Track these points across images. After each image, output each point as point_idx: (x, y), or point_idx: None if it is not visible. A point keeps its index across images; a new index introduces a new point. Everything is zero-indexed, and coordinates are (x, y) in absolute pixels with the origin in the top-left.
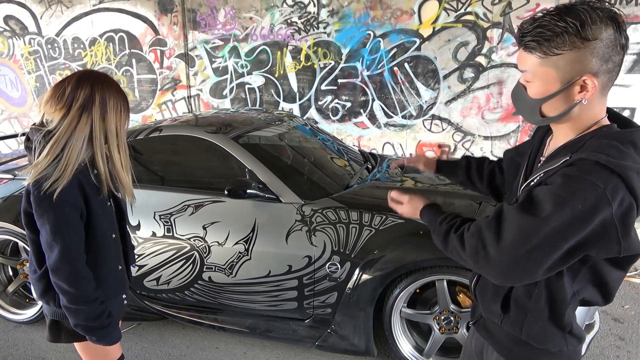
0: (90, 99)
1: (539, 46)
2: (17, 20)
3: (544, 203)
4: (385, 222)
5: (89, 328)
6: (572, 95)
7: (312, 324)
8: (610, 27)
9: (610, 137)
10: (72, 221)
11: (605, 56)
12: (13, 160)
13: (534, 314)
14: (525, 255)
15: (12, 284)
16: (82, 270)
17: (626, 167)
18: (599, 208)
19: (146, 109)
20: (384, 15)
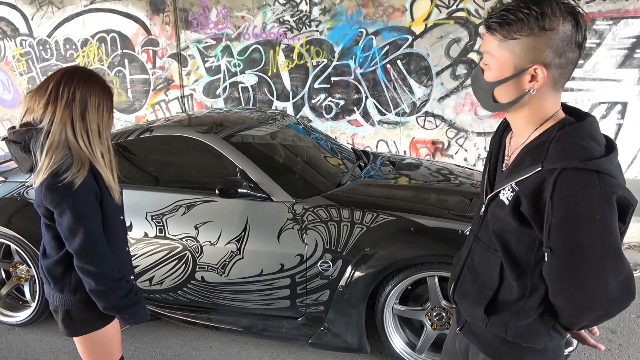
0: (72, 97)
1: (500, 28)
2: (7, 22)
3: (578, 242)
4: (377, 219)
5: (121, 307)
6: (522, 84)
7: (305, 321)
8: (569, 22)
9: (570, 135)
10: (92, 205)
11: (560, 50)
12: (3, 163)
13: (520, 314)
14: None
15: (5, 287)
16: (106, 252)
17: (598, 163)
18: (609, 204)
19: (139, 109)
20: (376, 13)
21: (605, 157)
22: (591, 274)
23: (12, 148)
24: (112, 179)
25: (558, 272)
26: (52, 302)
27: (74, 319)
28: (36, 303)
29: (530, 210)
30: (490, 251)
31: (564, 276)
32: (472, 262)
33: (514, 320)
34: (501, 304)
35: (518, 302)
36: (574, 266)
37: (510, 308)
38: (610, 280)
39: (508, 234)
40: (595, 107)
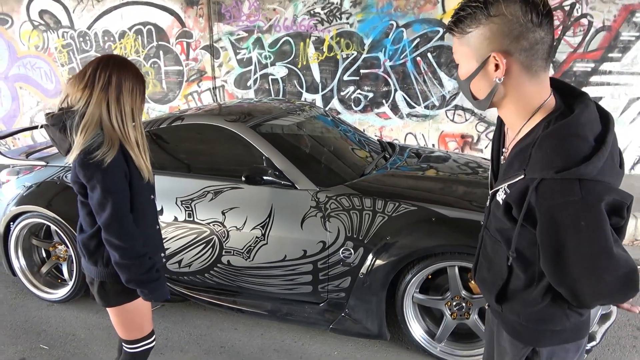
0: (108, 81)
1: (456, 27)
2: (51, 15)
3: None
4: (398, 209)
5: (141, 281)
6: (489, 75)
7: (327, 307)
8: (515, 4)
9: (552, 137)
10: (119, 182)
11: (514, 33)
12: (46, 149)
13: (528, 303)
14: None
15: (45, 265)
16: (131, 227)
17: (577, 171)
18: (594, 209)
19: (173, 99)
20: (407, 5)
21: (587, 160)
22: (583, 273)
23: (51, 131)
24: (142, 159)
25: (552, 269)
26: (88, 274)
27: (107, 291)
28: (73, 281)
29: (519, 213)
30: (498, 243)
31: (558, 273)
32: (486, 251)
33: (523, 308)
34: (511, 293)
35: (525, 291)
36: (564, 266)
37: (519, 297)
38: (607, 277)
39: (508, 231)
40: (633, 102)
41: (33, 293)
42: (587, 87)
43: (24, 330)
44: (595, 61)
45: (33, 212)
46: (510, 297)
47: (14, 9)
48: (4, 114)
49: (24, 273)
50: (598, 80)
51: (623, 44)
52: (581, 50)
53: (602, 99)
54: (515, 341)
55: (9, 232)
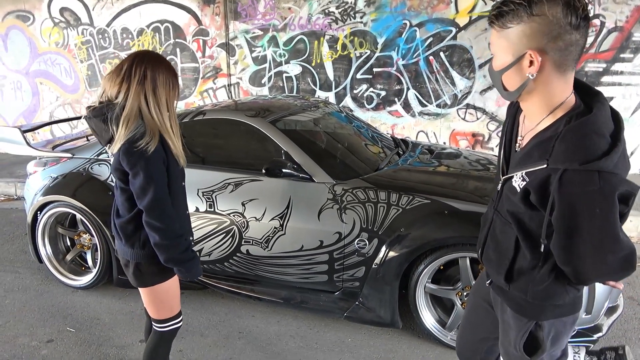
0: (144, 75)
1: (497, 20)
2: (71, 12)
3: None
4: (412, 202)
5: (180, 260)
6: (523, 70)
7: (342, 296)
8: (557, 5)
9: (575, 133)
10: (160, 169)
11: (552, 33)
12: (71, 141)
13: (536, 281)
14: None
15: (70, 253)
16: (170, 210)
17: (598, 164)
18: (609, 199)
19: (189, 96)
20: (420, 5)
21: (607, 155)
22: (590, 253)
23: (93, 122)
24: (178, 146)
25: (562, 250)
26: (123, 256)
27: (143, 272)
28: (97, 269)
29: (538, 201)
30: (508, 224)
31: (567, 253)
32: (494, 232)
33: (531, 286)
34: (518, 272)
35: (532, 270)
36: (575, 247)
37: (526, 276)
38: (610, 257)
39: (520, 214)
40: None
41: (58, 279)
42: (598, 87)
43: (50, 314)
44: (607, 61)
45: (59, 201)
46: (518, 276)
47: (35, 7)
48: (25, 108)
49: (50, 260)
50: (609, 81)
51: (635, 44)
52: (593, 50)
53: (614, 99)
54: (520, 316)
55: (36, 221)
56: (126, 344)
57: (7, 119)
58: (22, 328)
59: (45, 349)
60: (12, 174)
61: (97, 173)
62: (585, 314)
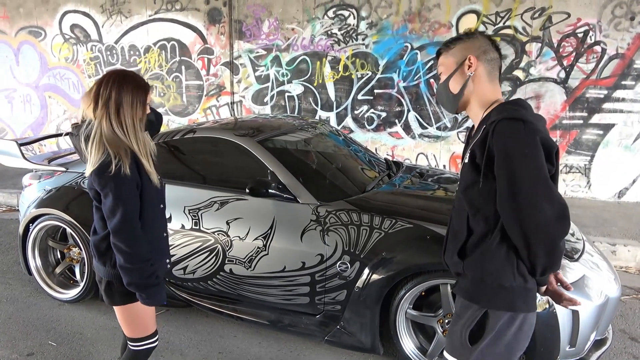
0: (109, 96)
1: (445, 47)
2: (81, 29)
3: (513, 172)
4: (395, 225)
5: (140, 285)
6: (464, 72)
7: (323, 319)
8: (483, 37)
9: (505, 104)
10: (130, 191)
11: (482, 48)
12: (67, 155)
13: (487, 253)
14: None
15: (60, 266)
16: (138, 233)
17: (521, 113)
18: (534, 141)
19: (192, 113)
20: (422, 28)
21: (527, 112)
22: (527, 199)
23: (73, 139)
24: (149, 164)
25: (503, 202)
26: (97, 273)
27: (113, 290)
28: (84, 283)
29: (481, 157)
30: (461, 211)
31: (509, 204)
32: (451, 224)
33: (482, 259)
34: (470, 247)
35: (484, 240)
36: (513, 192)
37: (478, 248)
38: (545, 205)
39: (472, 188)
40: None
41: (46, 292)
42: (599, 113)
43: (35, 327)
44: (608, 88)
45: (51, 214)
46: (470, 251)
47: (47, 23)
48: (33, 121)
49: (39, 272)
50: (611, 107)
51: (637, 71)
52: (594, 77)
53: (615, 126)
54: (469, 304)
55: (27, 232)
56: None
57: (15, 131)
58: (5, 340)
59: None
60: (15, 185)
61: None
62: (569, 346)
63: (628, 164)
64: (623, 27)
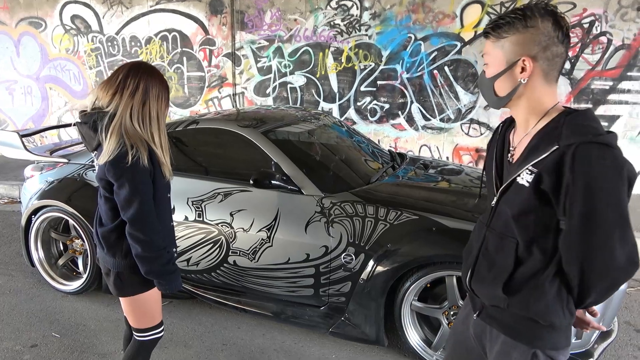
0: (137, 87)
1: (493, 31)
2: (82, 20)
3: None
4: (400, 217)
5: (161, 273)
6: (515, 75)
7: (327, 311)
8: (548, 21)
9: (578, 118)
10: (146, 181)
11: (543, 44)
12: (69, 147)
13: (538, 290)
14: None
15: (62, 258)
16: (155, 223)
17: (607, 137)
18: (620, 174)
19: (194, 104)
20: (425, 19)
21: (612, 133)
22: (601, 241)
23: (82, 128)
24: (165, 158)
25: (572, 239)
26: (104, 265)
27: (124, 281)
28: (87, 274)
29: (551, 185)
30: (506, 239)
31: (578, 242)
32: (487, 251)
33: (533, 297)
34: (518, 283)
35: (534, 278)
36: (587, 231)
37: (528, 285)
38: (617, 248)
39: (527, 216)
40: None
41: (49, 284)
42: (604, 105)
43: (38, 319)
44: (613, 79)
45: (53, 206)
46: (518, 287)
47: (48, 14)
48: (34, 112)
49: (42, 264)
50: (616, 99)
51: None
52: (599, 68)
53: (620, 118)
54: (515, 343)
55: (30, 224)
56: (108, 352)
57: (16, 123)
58: (8, 332)
59: (28, 354)
60: (17, 177)
61: (91, 179)
62: (575, 338)
63: (633, 155)
64: (629, 17)
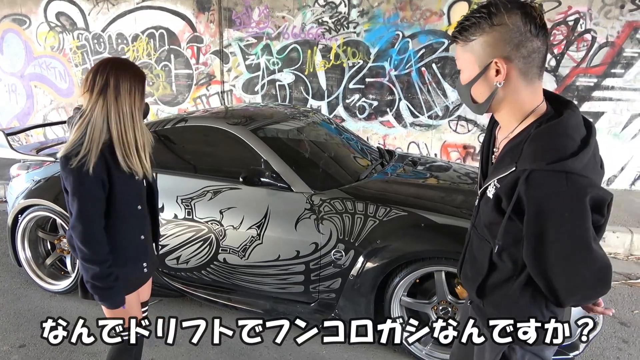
0: (106, 83)
1: (460, 35)
2: (67, 17)
3: (546, 237)
4: (389, 213)
5: (94, 286)
6: (490, 79)
7: (318, 307)
8: (516, 15)
9: (544, 134)
10: (90, 188)
11: (514, 41)
12: (55, 146)
13: (510, 296)
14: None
15: (50, 257)
16: (96, 233)
17: (565, 164)
18: (579, 202)
19: (182, 102)
20: (413, 16)
21: (575, 156)
22: (561, 263)
23: (69, 125)
24: (136, 159)
25: (532, 261)
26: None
27: (83, 285)
28: (75, 274)
29: (511, 207)
30: (484, 241)
31: (537, 262)
32: (472, 248)
33: (504, 302)
34: (490, 287)
35: (505, 284)
36: (540, 253)
37: (499, 291)
38: (583, 270)
39: (495, 226)
40: (635, 118)
41: (37, 284)
42: (589, 102)
43: (26, 319)
44: (598, 76)
45: (40, 205)
46: (490, 290)
47: (32, 10)
48: (19, 111)
49: (29, 264)
50: (600, 96)
51: (626, 60)
52: (584, 65)
53: (604, 114)
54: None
55: (16, 224)
56: (98, 350)
57: (1, 121)
58: None
59: (16, 354)
60: (2, 176)
61: None
62: None
63: (617, 151)
64: (613, 15)
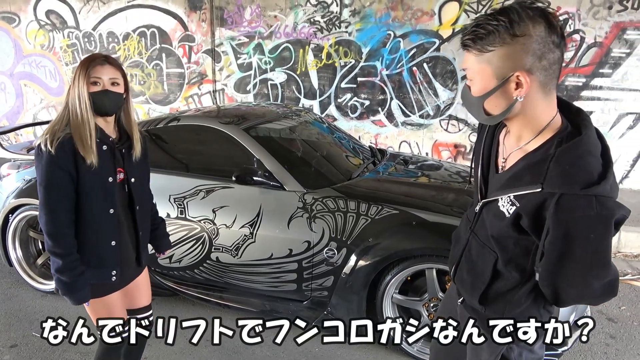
0: (73, 76)
1: (474, 44)
2: (57, 15)
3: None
4: (381, 212)
5: (58, 280)
6: (509, 92)
7: (310, 305)
8: (540, 24)
9: (569, 154)
10: (52, 178)
11: (537, 53)
12: None
13: (514, 303)
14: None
15: (41, 257)
16: (60, 225)
17: (597, 189)
18: (605, 224)
19: (174, 101)
20: (404, 16)
21: (604, 179)
22: (578, 278)
23: None
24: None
25: (549, 273)
26: None
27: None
28: None
29: (530, 226)
30: (486, 248)
31: (554, 276)
32: (470, 253)
33: (508, 308)
34: (494, 295)
35: (511, 292)
36: (563, 271)
37: (504, 299)
38: (595, 283)
39: (506, 239)
40: (622, 117)
41: (28, 283)
42: (577, 101)
43: (17, 319)
44: (586, 76)
45: (31, 204)
46: (494, 299)
47: (21, 8)
48: (8, 110)
49: (20, 264)
50: (589, 95)
51: (614, 60)
52: (573, 65)
53: (593, 114)
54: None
55: (7, 223)
56: (90, 350)
57: None
58: None
59: (7, 354)
60: None
61: None
62: None
63: None
64: (601, 15)
